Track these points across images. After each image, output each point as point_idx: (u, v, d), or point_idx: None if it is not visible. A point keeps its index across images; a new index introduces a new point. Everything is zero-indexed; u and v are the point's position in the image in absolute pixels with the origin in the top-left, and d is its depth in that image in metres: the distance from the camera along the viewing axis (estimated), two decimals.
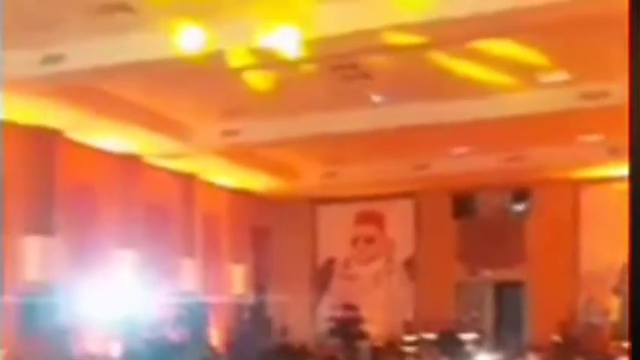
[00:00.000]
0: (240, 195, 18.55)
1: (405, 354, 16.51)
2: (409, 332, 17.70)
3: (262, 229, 19.53)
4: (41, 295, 12.02)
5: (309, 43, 8.59)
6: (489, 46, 8.90)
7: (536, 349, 15.51)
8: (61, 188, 13.11)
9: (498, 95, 12.13)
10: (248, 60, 8.35)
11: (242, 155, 15.85)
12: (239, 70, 9.40)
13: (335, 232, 20.02)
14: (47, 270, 12.62)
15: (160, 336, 13.26)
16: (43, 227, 12.62)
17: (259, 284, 19.04)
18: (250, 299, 18.14)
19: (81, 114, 12.29)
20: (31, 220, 12.58)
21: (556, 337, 16.28)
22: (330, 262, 20.29)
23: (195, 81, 11.57)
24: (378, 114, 13.25)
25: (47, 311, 11.90)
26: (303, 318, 19.06)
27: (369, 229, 20.06)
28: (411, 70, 10.71)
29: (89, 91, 11.62)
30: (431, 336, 16.69)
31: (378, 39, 8.48)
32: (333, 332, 17.19)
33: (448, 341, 16.12)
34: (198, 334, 14.64)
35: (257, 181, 17.93)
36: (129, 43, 9.35)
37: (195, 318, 14.75)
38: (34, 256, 12.56)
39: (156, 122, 13.32)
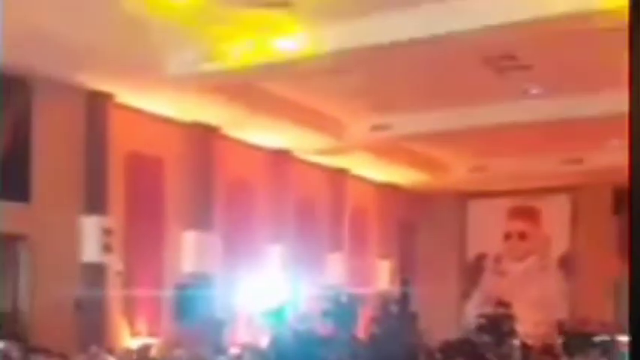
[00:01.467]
0: (388, 189, 18.52)
1: (558, 354, 15.92)
2: (563, 332, 17.06)
3: (409, 223, 19.41)
4: (197, 286, 12.49)
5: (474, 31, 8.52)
6: None
7: None
8: (218, 184, 13.55)
9: None
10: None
11: (391, 149, 15.81)
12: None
13: (486, 227, 19.59)
14: (203, 263, 13.09)
15: (308, 328, 13.44)
16: (200, 222, 13.09)
17: (405, 279, 18.94)
18: (396, 294, 18.08)
19: (237, 110, 12.63)
20: (189, 215, 13.08)
21: None
22: (480, 257, 19.88)
23: (346, 76, 11.64)
24: (532, 106, 12.85)
25: (202, 302, 12.36)
26: (450, 314, 18.81)
27: (523, 225, 19.49)
28: (571, 60, 10.35)
29: (245, 87, 11.91)
30: (585, 336, 15.99)
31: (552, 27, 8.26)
32: (482, 329, 16.81)
33: (606, 342, 15.39)
34: (345, 328, 14.73)
35: (405, 175, 17.83)
36: (282, 41, 9.51)
37: (341, 312, 14.85)
38: (192, 249, 13.05)
39: (307, 118, 13.48)
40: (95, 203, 11.41)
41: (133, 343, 11.91)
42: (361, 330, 16.33)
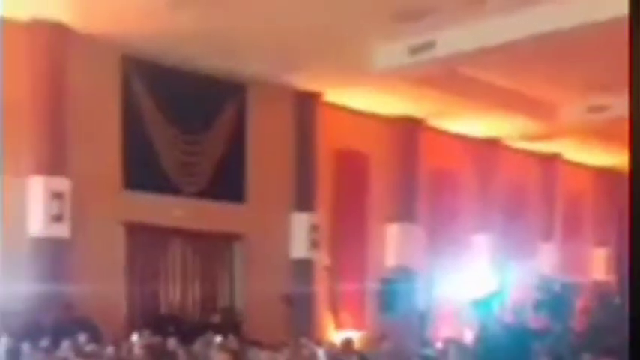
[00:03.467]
0: (605, 173, 17.50)
1: None
2: None
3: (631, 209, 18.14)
4: (401, 279, 12.49)
5: None
6: None
7: None
8: (422, 176, 13.35)
9: None
10: None
11: (608, 131, 14.75)
12: None
13: None
14: (407, 255, 13.10)
15: (519, 321, 12.86)
16: (404, 215, 13.12)
17: (623, 268, 17.74)
18: (613, 283, 17.01)
19: (443, 101, 12.46)
20: (393, 208, 13.13)
21: None
22: None
23: (556, 57, 10.94)
24: None
25: (406, 295, 12.36)
26: None
27: None
28: None
29: (451, 77, 11.65)
30: None
31: None
32: None
33: None
34: (559, 319, 13.99)
35: (624, 158, 16.60)
36: (499, 25, 9.20)
37: (555, 302, 14.12)
38: (396, 242, 13.12)
39: (517, 103, 12.99)
40: (304, 201, 11.68)
41: (338, 336, 12.01)
42: (577, 322, 15.51)
